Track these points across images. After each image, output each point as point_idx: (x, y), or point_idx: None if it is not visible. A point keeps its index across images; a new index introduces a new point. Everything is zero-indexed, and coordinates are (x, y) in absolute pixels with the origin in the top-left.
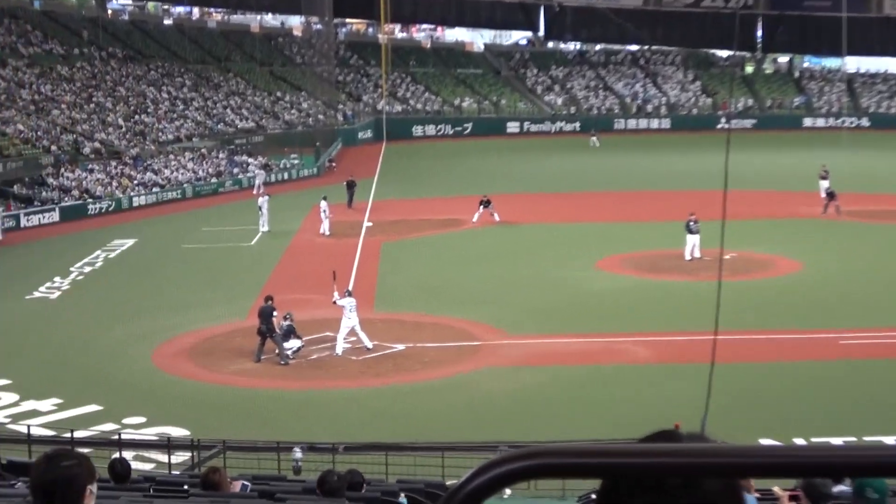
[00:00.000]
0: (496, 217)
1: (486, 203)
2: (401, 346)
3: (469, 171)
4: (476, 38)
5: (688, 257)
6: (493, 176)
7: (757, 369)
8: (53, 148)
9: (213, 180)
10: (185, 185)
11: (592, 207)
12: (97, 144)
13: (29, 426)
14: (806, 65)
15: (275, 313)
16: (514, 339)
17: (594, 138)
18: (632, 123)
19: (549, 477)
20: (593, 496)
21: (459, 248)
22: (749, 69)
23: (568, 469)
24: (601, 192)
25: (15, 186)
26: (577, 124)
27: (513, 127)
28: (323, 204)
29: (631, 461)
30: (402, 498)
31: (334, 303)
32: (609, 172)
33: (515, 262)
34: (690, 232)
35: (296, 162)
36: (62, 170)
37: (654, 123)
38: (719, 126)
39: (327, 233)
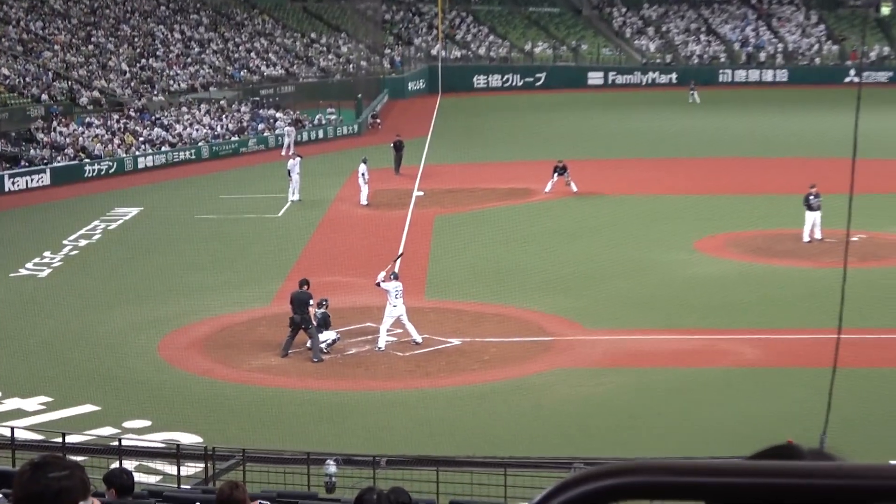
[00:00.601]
0: (573, 187)
1: (562, 170)
2: (456, 341)
3: (541, 130)
4: None
5: (806, 238)
6: (570, 137)
7: (889, 376)
8: (44, 97)
9: (234, 139)
10: (199, 144)
11: (691, 176)
12: (96, 94)
13: (12, 429)
14: None
15: (311, 301)
16: (594, 334)
17: (694, 92)
18: (740, 75)
19: (640, 498)
20: None
21: (528, 224)
22: (885, 10)
23: (664, 489)
24: (701, 157)
25: None
26: (674, 75)
27: (595, 78)
28: (362, 168)
29: (742, 481)
30: None
31: (377, 285)
32: (711, 134)
33: (596, 242)
34: (810, 208)
35: (333, 118)
36: (54, 123)
37: (768, 75)
38: (847, 80)
39: (364, 202)
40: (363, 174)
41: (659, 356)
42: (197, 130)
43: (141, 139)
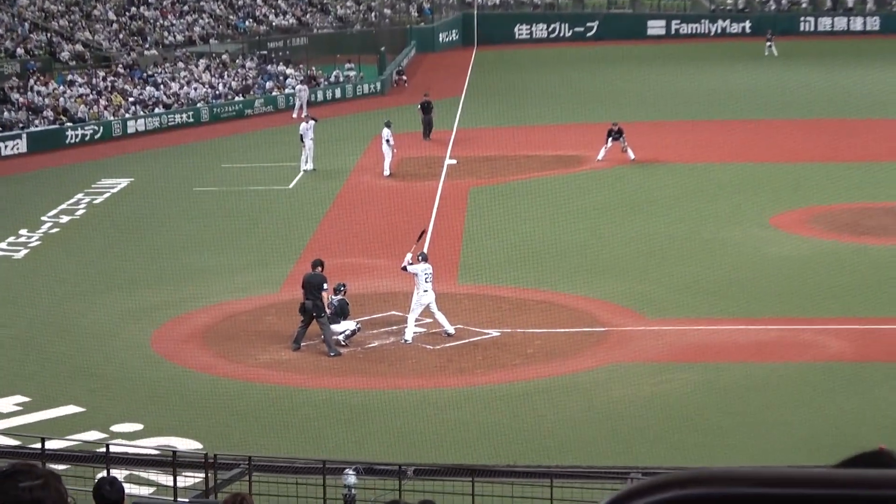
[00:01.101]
0: (630, 154)
1: (617, 134)
2: (494, 333)
3: (593, 88)
4: None
5: None
6: (626, 96)
7: None
8: (19, 52)
9: (238, 99)
10: (198, 106)
11: (767, 141)
12: (79, 48)
13: None
14: None
15: (325, 286)
16: (655, 324)
17: (771, 44)
18: (824, 23)
19: None
20: None
21: (578, 197)
22: None
23: (742, 501)
24: (779, 119)
25: None
26: (748, 24)
27: (656, 27)
28: (385, 133)
29: (824, 492)
30: None
31: (403, 269)
32: (791, 92)
33: (656, 218)
34: None
35: (351, 74)
36: (31, 82)
37: (857, 24)
38: None
39: (388, 172)
40: (387, 140)
41: (730, 350)
42: (195, 90)
43: (131, 100)
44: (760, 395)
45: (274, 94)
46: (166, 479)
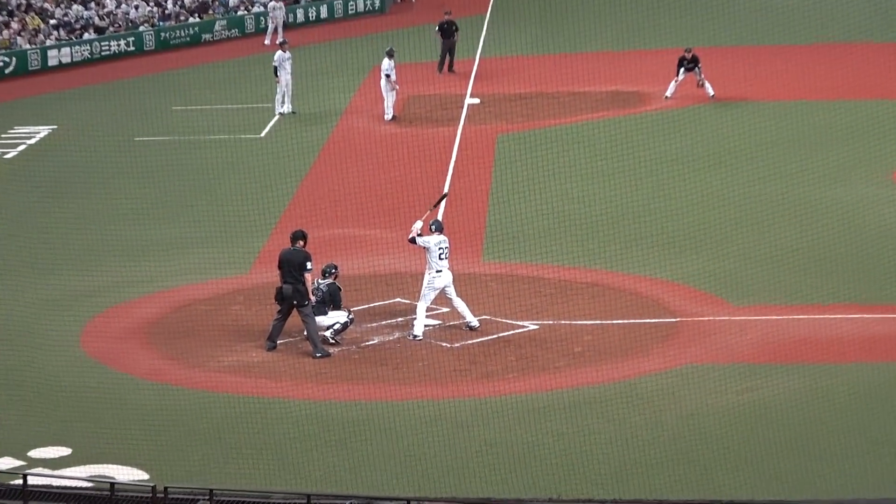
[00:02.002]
0: (709, 89)
1: (691, 63)
2: (531, 325)
3: (659, 2)
4: None
5: None
6: (703, 12)
7: None
8: None
9: (192, 21)
10: (141, 30)
11: (888, 73)
12: None
13: None
14: None
15: (309, 265)
16: (741, 313)
17: None
18: None
19: None
20: None
21: (640, 147)
22: None
23: None
24: None
25: None
26: None
27: None
28: (386, 64)
29: None
30: None
31: (411, 241)
32: None
33: (743, 173)
34: None
35: None
36: None
37: None
38: None
39: (389, 115)
40: (388, 74)
41: (842, 345)
42: (137, 9)
43: (52, 22)
44: (880, 404)
45: (240, 13)
46: None
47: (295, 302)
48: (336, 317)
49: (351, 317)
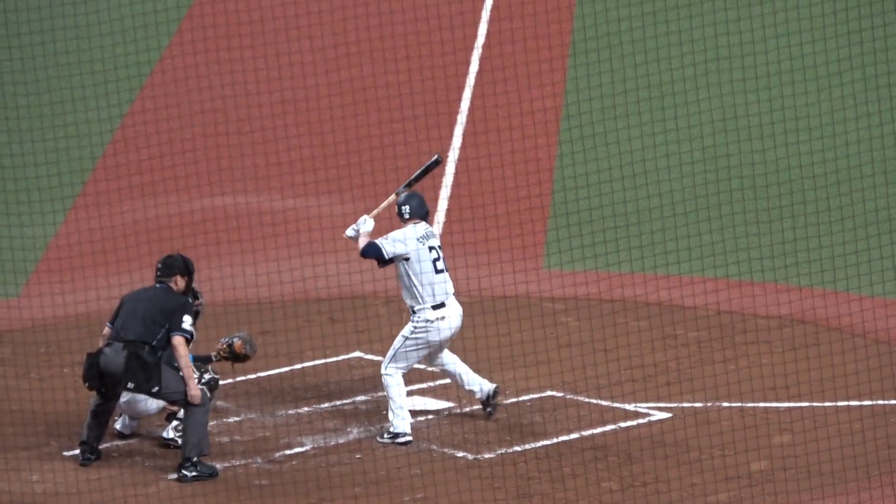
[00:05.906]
0: None
1: None
2: (655, 412)
3: None
4: None
5: None
6: None
7: None
8: None
9: None
10: None
11: None
12: None
13: None
14: None
15: (186, 322)
16: None
17: None
18: None
19: None
20: None
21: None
22: None
23: None
24: None
25: None
26: None
27: None
28: None
29: None
30: None
31: (363, 253)
32: None
33: None
34: None
35: None
36: None
37: None
38: None
39: None
40: None
41: None
42: None
43: None
44: None
45: None
46: None
47: (130, 385)
48: (169, 386)
49: (214, 376)
